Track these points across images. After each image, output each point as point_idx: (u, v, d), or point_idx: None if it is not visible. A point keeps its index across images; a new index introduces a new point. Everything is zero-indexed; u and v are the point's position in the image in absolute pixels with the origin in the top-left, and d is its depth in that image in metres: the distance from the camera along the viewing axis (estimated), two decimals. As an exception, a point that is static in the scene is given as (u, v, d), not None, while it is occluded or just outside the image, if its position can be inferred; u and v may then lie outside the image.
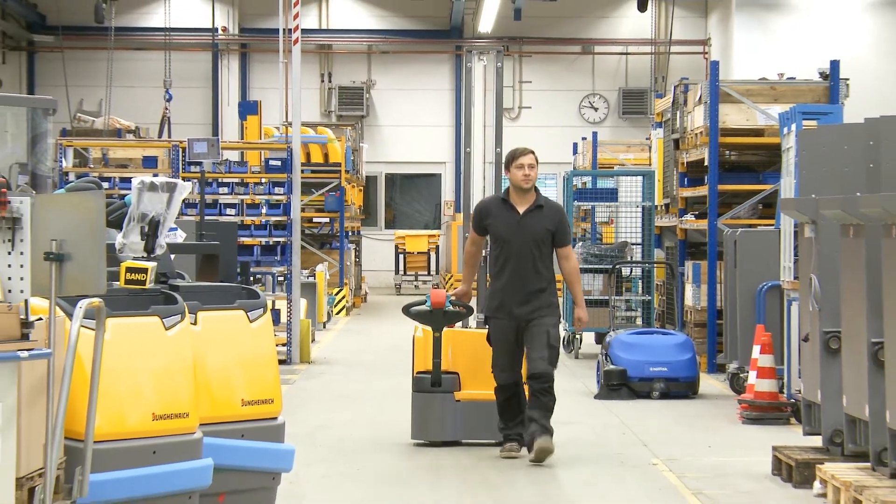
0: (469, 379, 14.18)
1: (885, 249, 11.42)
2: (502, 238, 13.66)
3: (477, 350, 14.09)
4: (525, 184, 13.56)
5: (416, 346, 14.42)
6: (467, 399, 14.12)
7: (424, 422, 14.18)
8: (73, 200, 9.45)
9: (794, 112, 17.61)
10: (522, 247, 13.49)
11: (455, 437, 14.11)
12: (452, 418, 14.09)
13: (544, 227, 13.56)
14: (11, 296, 8.16)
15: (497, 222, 13.69)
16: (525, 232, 13.51)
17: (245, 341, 11.09)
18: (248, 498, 11.05)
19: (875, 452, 11.79)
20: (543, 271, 13.58)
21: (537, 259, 13.52)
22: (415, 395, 14.19)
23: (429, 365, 14.07)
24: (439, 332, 14.01)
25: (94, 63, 41.75)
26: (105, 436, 9.43)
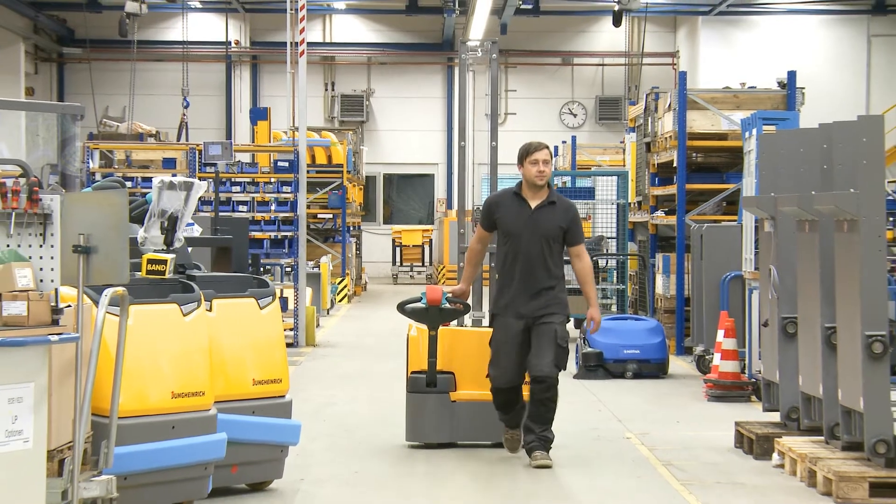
0: (465, 379, 12.77)
1: (837, 243, 11.45)
2: (512, 233, 12.16)
3: (473, 349, 12.74)
4: (539, 180, 12.13)
5: (410, 345, 12.91)
6: (463, 399, 12.72)
7: (419, 423, 12.76)
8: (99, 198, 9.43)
9: (754, 118, 17.61)
10: (533, 243, 12.05)
11: (451, 438, 12.71)
12: (448, 420, 12.68)
13: (556, 223, 12.12)
14: (43, 285, 8.14)
15: (507, 216, 12.22)
16: (536, 227, 12.07)
17: (256, 326, 11.10)
18: (258, 469, 11.05)
19: (828, 427, 11.81)
20: (553, 269, 12.13)
21: (547, 256, 12.08)
22: (409, 396, 12.78)
23: (424, 364, 12.70)
24: (435, 330, 12.64)
25: (119, 73, 41.68)
26: (128, 412, 9.43)
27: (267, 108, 37.84)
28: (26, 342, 7.61)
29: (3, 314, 7.70)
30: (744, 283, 16.82)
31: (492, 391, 12.15)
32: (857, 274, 10.98)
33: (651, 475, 11.96)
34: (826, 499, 10.89)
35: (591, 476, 11.17)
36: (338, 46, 44.09)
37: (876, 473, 10.86)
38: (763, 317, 13.65)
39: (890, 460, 10.86)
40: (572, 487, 10.99)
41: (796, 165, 13.00)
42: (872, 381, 10.89)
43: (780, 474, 11.95)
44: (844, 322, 11.37)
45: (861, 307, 10.92)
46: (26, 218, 8.33)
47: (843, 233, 11.25)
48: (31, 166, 10.93)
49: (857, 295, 10.99)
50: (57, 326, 7.89)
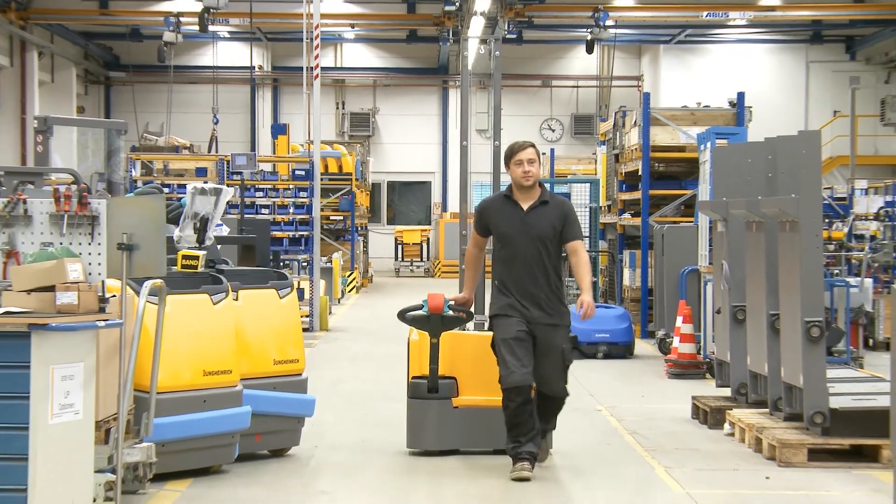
0: (468, 384, 10.92)
1: (780, 241, 11.46)
2: (506, 237, 10.34)
3: (476, 353, 10.85)
4: (526, 181, 10.33)
5: (411, 349, 11.05)
6: (466, 405, 10.88)
7: (420, 430, 10.96)
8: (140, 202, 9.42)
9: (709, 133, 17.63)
10: (528, 246, 10.23)
11: (453, 445, 10.91)
12: (450, 426, 10.88)
13: (550, 223, 10.29)
14: (91, 277, 8.14)
15: (500, 221, 10.40)
16: (530, 230, 10.25)
17: (276, 313, 11.10)
18: (278, 437, 11.05)
19: (772, 401, 11.83)
20: (551, 271, 10.29)
21: (545, 258, 10.25)
22: (410, 402, 10.99)
23: (425, 369, 10.90)
24: (437, 338, 10.83)
25: (157, 94, 41.62)
26: (165, 388, 9.43)
27: (286, 124, 37.81)
28: (77, 327, 7.60)
29: (56, 303, 7.69)
30: (699, 275, 16.83)
31: (503, 397, 10.03)
32: (798, 268, 10.99)
33: (619, 442, 11.96)
34: (770, 463, 10.89)
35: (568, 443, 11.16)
36: (347, 70, 44.04)
37: (813, 441, 10.89)
38: (716, 305, 13.65)
39: (826, 429, 10.88)
40: (551, 452, 10.96)
41: (745, 174, 12.99)
42: (810, 360, 10.91)
43: (730, 442, 11.95)
44: (787, 309, 11.38)
45: (801, 297, 10.94)
46: (77, 219, 8.31)
47: (786, 232, 11.26)
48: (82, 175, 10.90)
49: (797, 286, 11.00)
50: (103, 314, 7.89)
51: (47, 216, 8.35)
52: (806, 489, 9.98)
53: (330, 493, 9.76)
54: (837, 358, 15.99)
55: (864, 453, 10.93)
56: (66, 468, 7.57)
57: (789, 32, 40.87)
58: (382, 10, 37.51)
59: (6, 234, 8.39)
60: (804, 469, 10.65)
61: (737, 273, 12.85)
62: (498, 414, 10.17)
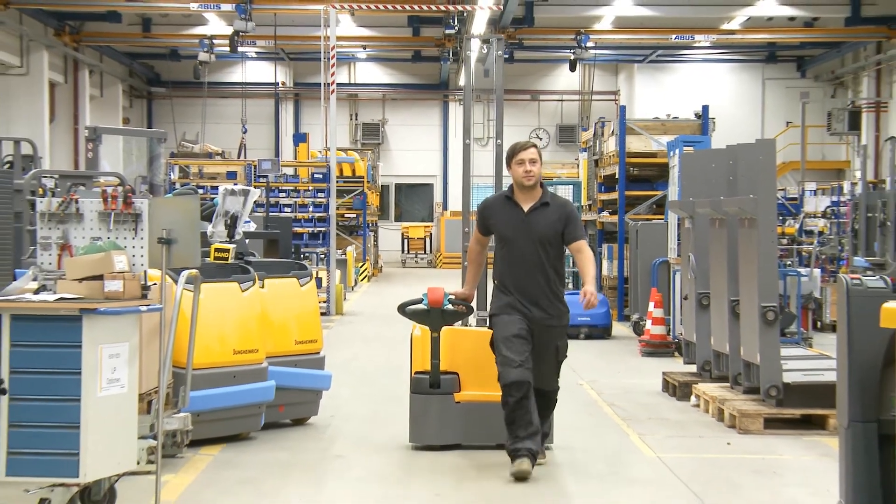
0: (470, 379, 9.85)
1: (740, 236, 11.46)
2: (507, 238, 9.24)
3: (478, 349, 9.72)
4: (527, 181, 9.20)
5: (413, 345, 10.04)
6: (468, 401, 9.81)
7: (423, 425, 9.91)
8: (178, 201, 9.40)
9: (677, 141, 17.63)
10: (529, 247, 9.13)
11: (455, 440, 9.84)
12: (452, 421, 9.82)
13: (552, 225, 9.16)
14: (135, 268, 8.12)
15: (501, 221, 9.30)
16: (530, 231, 9.14)
17: (297, 299, 11.10)
18: (299, 408, 11.06)
19: (733, 376, 11.84)
20: (551, 272, 9.21)
21: (545, 260, 9.16)
22: (412, 397, 9.93)
23: (427, 365, 9.86)
24: (437, 332, 9.79)
25: (193, 107, 41.63)
26: (200, 365, 9.42)
27: (306, 133, 37.93)
28: (122, 312, 7.59)
29: (104, 290, 7.68)
30: (669, 266, 16.82)
31: (503, 393, 8.98)
32: (755, 259, 10.98)
33: (599, 413, 11.96)
34: (731, 430, 10.89)
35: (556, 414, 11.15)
36: (360, 86, 44.04)
37: (769, 411, 10.90)
38: (683, 292, 13.66)
39: (780, 401, 10.88)
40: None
41: (709, 177, 12.99)
42: (766, 340, 10.91)
43: (696, 412, 11.95)
44: (745, 296, 11.38)
45: (758, 284, 10.93)
46: (122, 217, 8.30)
47: (745, 228, 11.26)
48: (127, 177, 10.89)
49: (755, 275, 11.00)
50: (145, 299, 7.87)
51: (96, 214, 8.34)
52: (762, 453, 9.99)
53: (345, 458, 9.75)
54: (790, 338, 16.00)
55: (814, 422, 10.95)
56: (113, 435, 7.56)
57: (747, 53, 40.91)
58: (390, 33, 37.47)
59: (60, 230, 8.38)
60: (761, 436, 10.66)
61: (702, 264, 12.85)
62: (499, 409, 9.13)
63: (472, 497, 8.36)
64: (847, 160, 39.34)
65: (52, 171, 17.97)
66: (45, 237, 8.42)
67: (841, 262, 21.02)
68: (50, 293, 7.78)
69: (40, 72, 31.99)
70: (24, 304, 7.48)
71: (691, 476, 9.10)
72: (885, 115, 36.10)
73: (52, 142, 32.85)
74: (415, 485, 8.74)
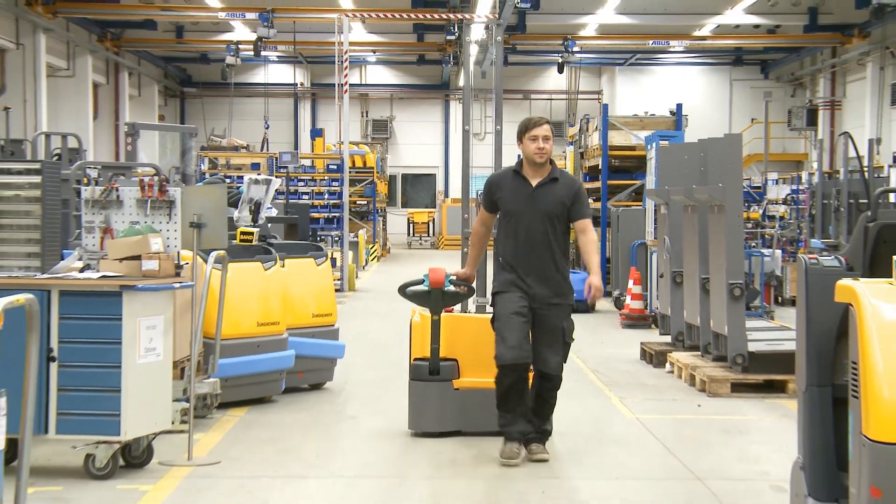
0: (469, 366, 8.80)
1: (710, 221, 11.45)
2: (513, 212, 8.14)
3: (477, 335, 8.70)
4: (539, 157, 8.12)
5: (413, 331, 8.99)
6: (467, 387, 8.76)
7: (422, 412, 8.87)
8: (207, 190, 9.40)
9: (654, 135, 17.62)
10: (535, 222, 8.05)
11: (454, 427, 8.80)
12: (452, 408, 8.78)
13: (559, 200, 8.10)
14: (169, 249, 8.12)
15: (508, 195, 8.20)
16: (538, 205, 8.08)
17: (314, 277, 11.10)
18: (316, 374, 11.07)
19: (703, 345, 11.84)
20: (557, 249, 8.12)
21: (551, 235, 8.08)
22: (412, 384, 8.89)
23: (426, 351, 8.81)
24: (438, 314, 8.71)
25: (221, 105, 41.66)
26: (227, 336, 9.41)
27: (322, 129, 37.90)
28: (158, 288, 7.60)
29: (142, 269, 7.69)
30: (647, 247, 16.82)
31: (497, 373, 8.04)
32: (723, 241, 10.98)
33: (585, 379, 11.95)
34: (702, 394, 10.90)
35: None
36: (370, 87, 43.99)
37: (735, 377, 10.90)
38: (659, 270, 13.65)
39: (745, 368, 10.89)
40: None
41: (682, 168, 12.99)
42: (733, 314, 10.91)
43: (670, 378, 11.96)
44: (715, 274, 11.38)
45: (726, 264, 10.93)
46: (158, 203, 8.30)
47: (714, 214, 11.25)
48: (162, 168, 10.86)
49: (723, 256, 11.00)
50: (178, 277, 7.88)
51: (135, 201, 8.34)
52: (729, 414, 9.99)
53: (357, 418, 9.76)
54: (754, 312, 16.00)
55: (775, 386, 10.96)
56: (150, 398, 7.58)
57: (716, 57, 40.88)
58: (397, 39, 37.41)
59: (103, 215, 8.38)
60: (728, 399, 10.67)
61: (675, 245, 12.84)
62: None
63: (470, 450, 8.35)
64: (805, 153, 39.32)
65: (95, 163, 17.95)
66: (89, 221, 8.42)
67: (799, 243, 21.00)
68: (93, 271, 7.78)
69: (85, 74, 31.99)
70: (71, 282, 7.49)
71: (666, 435, 9.10)
72: (839, 113, 36.16)
73: (96, 137, 32.83)
74: (420, 441, 8.74)
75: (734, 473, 7.89)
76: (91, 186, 8.52)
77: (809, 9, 32.40)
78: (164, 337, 7.63)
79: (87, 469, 7.47)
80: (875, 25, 30.72)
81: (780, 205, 24.95)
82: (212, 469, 7.76)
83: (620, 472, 7.52)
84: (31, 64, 28.23)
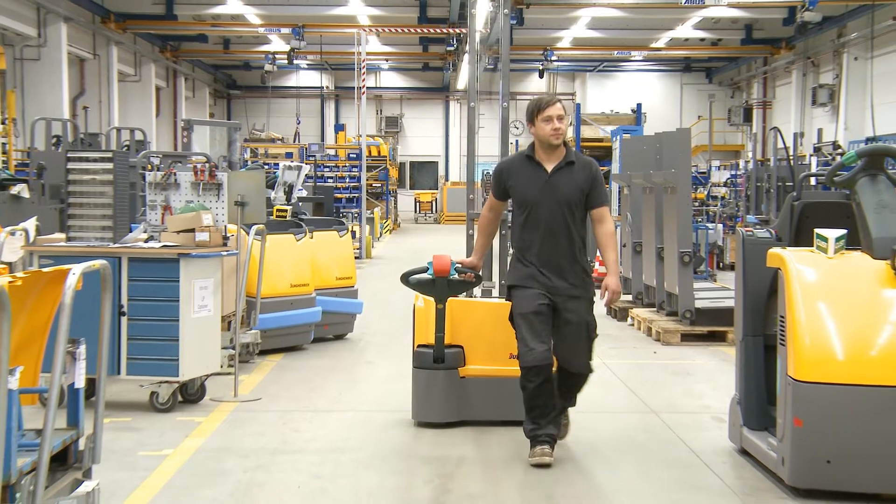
0: (475, 353, 7.05)
1: (665, 200, 11.43)
2: (528, 201, 6.26)
3: (484, 321, 7.05)
4: (554, 139, 6.25)
5: (416, 316, 7.26)
6: (473, 375, 7.04)
7: (427, 401, 7.09)
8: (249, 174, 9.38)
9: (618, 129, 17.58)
10: (553, 210, 6.21)
11: (459, 417, 7.03)
12: (457, 397, 7.03)
13: (578, 186, 6.25)
14: (217, 223, 8.10)
15: (521, 183, 6.30)
16: (555, 193, 6.22)
17: (337, 246, 11.09)
18: (340, 327, 11.07)
19: (658, 303, 11.84)
20: (576, 238, 6.31)
21: (570, 224, 6.25)
22: (415, 372, 7.14)
23: (431, 338, 7.09)
24: (443, 303, 7.00)
25: (260, 104, 41.54)
26: (265, 295, 9.42)
27: (344, 124, 37.84)
28: (209, 256, 7.59)
29: (195, 240, 7.68)
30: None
31: (522, 375, 6.12)
32: (675, 217, 10.95)
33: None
34: (657, 343, 10.90)
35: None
36: (383, 89, 43.80)
37: (684, 328, 10.90)
38: (623, 242, 13.63)
39: (692, 321, 10.89)
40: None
41: (641, 156, 12.94)
42: (683, 277, 10.90)
43: (632, 329, 11.95)
44: (668, 244, 11.36)
45: (677, 236, 10.91)
46: (208, 186, 8.27)
47: (668, 194, 11.22)
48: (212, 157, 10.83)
49: (675, 229, 10.97)
50: (225, 247, 7.86)
51: (189, 183, 8.31)
52: (679, 359, 10.00)
53: (373, 362, 9.76)
54: (700, 275, 15.97)
55: (717, 336, 10.97)
56: (203, 346, 7.58)
57: (670, 65, 40.74)
58: (406, 49, 37.22)
59: (163, 195, 8.36)
60: (678, 346, 10.67)
61: (636, 220, 12.83)
62: (505, 383, 6.87)
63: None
64: (742, 144, 39.23)
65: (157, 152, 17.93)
66: (152, 200, 8.40)
67: (737, 219, 20.97)
68: (156, 242, 7.77)
69: (149, 79, 31.93)
70: (138, 250, 7.48)
71: (628, 376, 9.11)
72: (769, 111, 36.21)
73: (158, 131, 32.79)
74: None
75: (683, 407, 7.90)
76: (153, 172, 8.50)
77: (745, 25, 32.37)
78: (213, 295, 7.62)
79: (151, 404, 7.49)
80: (799, 39, 30.78)
81: (722, 187, 24.85)
82: (254, 404, 7.78)
83: (591, 407, 7.53)
84: (105, 71, 28.29)
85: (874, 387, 5.33)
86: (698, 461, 6.33)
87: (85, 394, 4.69)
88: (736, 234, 6.64)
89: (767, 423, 6.17)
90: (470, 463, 6.24)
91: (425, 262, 7.01)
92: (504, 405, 6.97)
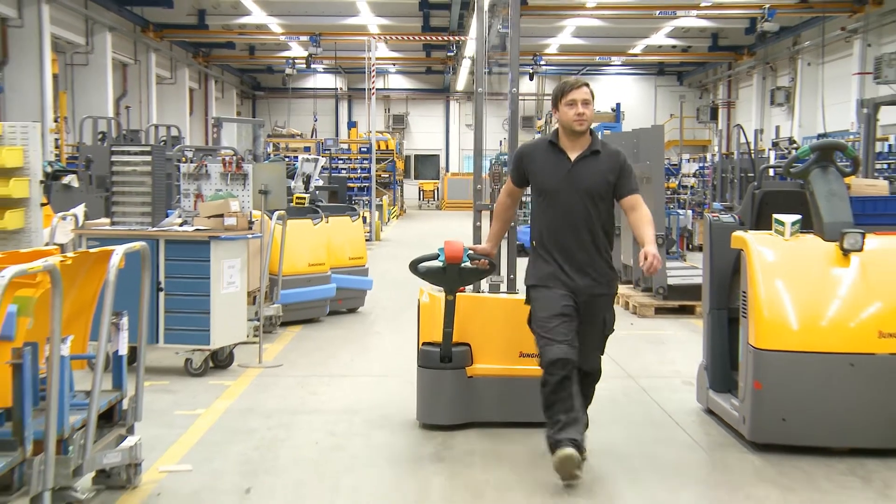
0: (483, 351, 5.87)
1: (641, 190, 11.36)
2: (548, 190, 5.13)
3: (492, 317, 5.88)
4: (579, 125, 5.10)
5: (422, 312, 5.93)
6: (481, 375, 5.86)
7: (433, 402, 5.89)
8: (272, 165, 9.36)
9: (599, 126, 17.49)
10: (575, 202, 5.09)
11: (468, 418, 5.88)
12: (464, 398, 5.86)
13: (603, 177, 5.15)
14: (244, 210, 8.09)
15: (543, 171, 5.16)
16: (578, 183, 5.10)
17: (350, 230, 11.07)
18: (352, 301, 11.06)
19: (635, 280, 11.82)
20: (600, 232, 5.22)
21: (594, 217, 5.15)
22: (420, 371, 5.91)
23: (437, 335, 5.80)
24: (453, 294, 5.69)
25: (282, 104, 41.42)
26: (286, 273, 9.40)
27: (356, 122, 37.80)
28: (236, 238, 7.58)
29: (224, 224, 7.66)
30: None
31: (543, 371, 4.92)
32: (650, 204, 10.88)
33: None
34: (634, 316, 10.90)
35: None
36: (391, 90, 43.65)
37: (658, 303, 10.90)
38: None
39: (665, 296, 10.88)
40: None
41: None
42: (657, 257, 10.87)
43: (610, 303, 11.93)
44: (643, 228, 11.33)
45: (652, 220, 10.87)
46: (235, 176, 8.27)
47: (644, 184, 11.18)
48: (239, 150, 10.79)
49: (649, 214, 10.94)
50: (251, 230, 7.85)
51: (218, 173, 8.30)
52: (653, 330, 10.00)
53: (382, 333, 9.77)
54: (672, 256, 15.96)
55: (686, 310, 10.95)
56: (231, 318, 7.58)
57: (645, 69, 40.64)
58: (411, 55, 37.11)
59: (196, 185, 8.35)
60: (653, 319, 10.67)
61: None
62: (515, 383, 5.87)
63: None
64: (709, 139, 39.18)
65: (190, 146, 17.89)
66: (185, 189, 8.39)
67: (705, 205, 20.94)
68: (189, 226, 7.76)
69: (183, 81, 31.87)
70: (173, 233, 7.48)
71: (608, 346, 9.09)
72: (734, 111, 36.18)
73: (191, 128, 32.74)
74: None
75: (656, 372, 7.91)
76: (187, 164, 8.49)
77: (712, 34, 32.31)
78: (240, 273, 7.62)
79: (186, 369, 7.50)
80: (759, 47, 30.80)
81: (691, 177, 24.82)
82: (276, 370, 7.79)
83: (573, 372, 7.52)
84: (144, 74, 28.28)
85: (824, 353, 5.35)
86: (670, 420, 6.34)
87: (127, 360, 4.70)
88: (703, 219, 6.64)
89: (731, 386, 6.18)
90: (469, 426, 6.24)
91: (431, 245, 5.76)
92: (513, 406, 5.90)
